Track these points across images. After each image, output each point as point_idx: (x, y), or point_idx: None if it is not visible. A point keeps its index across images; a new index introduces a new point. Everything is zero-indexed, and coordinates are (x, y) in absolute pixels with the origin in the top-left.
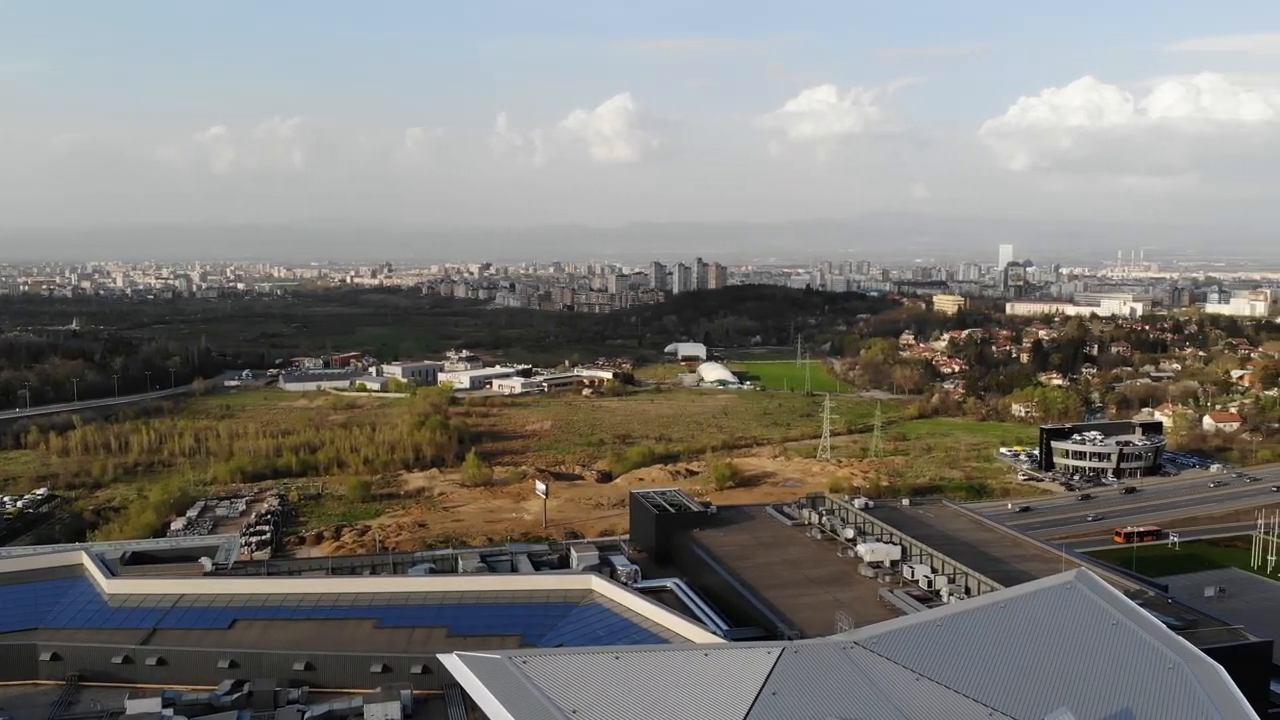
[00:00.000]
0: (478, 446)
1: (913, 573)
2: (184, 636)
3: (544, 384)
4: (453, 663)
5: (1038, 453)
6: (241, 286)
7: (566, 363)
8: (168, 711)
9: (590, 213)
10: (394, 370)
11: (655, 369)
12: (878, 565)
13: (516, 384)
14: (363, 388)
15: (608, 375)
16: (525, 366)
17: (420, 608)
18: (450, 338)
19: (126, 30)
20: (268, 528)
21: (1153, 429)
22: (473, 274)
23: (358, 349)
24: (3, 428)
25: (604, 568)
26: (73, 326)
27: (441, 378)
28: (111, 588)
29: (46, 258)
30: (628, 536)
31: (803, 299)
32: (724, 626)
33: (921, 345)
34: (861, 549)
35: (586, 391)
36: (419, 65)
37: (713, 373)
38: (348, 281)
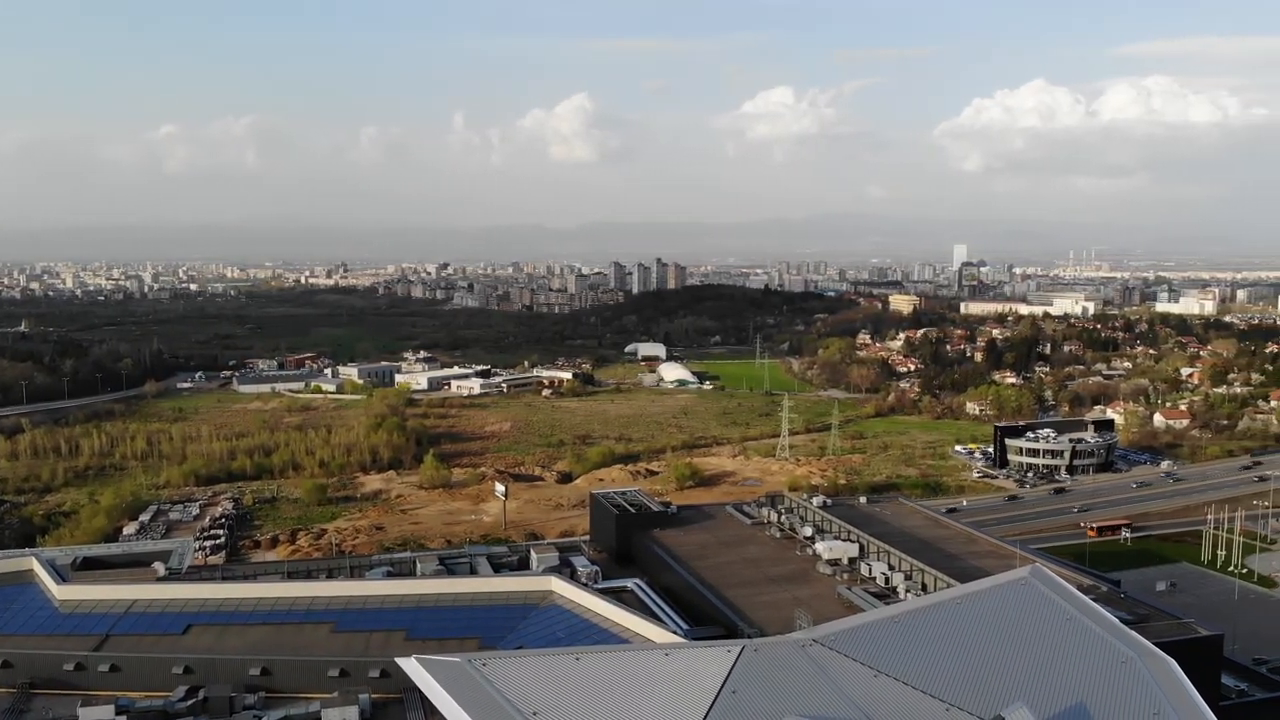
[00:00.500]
0: (436, 448)
1: (870, 570)
2: (137, 643)
3: (503, 385)
4: (411, 666)
5: (992, 450)
6: (194, 287)
7: (526, 363)
8: (121, 719)
9: (549, 212)
10: (350, 371)
11: (615, 369)
12: (836, 563)
13: (475, 385)
14: (318, 389)
15: (567, 375)
16: (484, 367)
17: (378, 611)
18: (407, 338)
19: (76, 28)
20: (222, 532)
21: (1105, 426)
22: (430, 274)
23: (313, 350)
24: None
25: (564, 569)
26: (21, 328)
27: (399, 379)
28: (63, 594)
29: None
30: (588, 537)
31: (761, 299)
32: (684, 626)
33: (878, 345)
34: (820, 547)
35: (546, 392)
36: (375, 63)
37: (672, 373)
38: (303, 282)
